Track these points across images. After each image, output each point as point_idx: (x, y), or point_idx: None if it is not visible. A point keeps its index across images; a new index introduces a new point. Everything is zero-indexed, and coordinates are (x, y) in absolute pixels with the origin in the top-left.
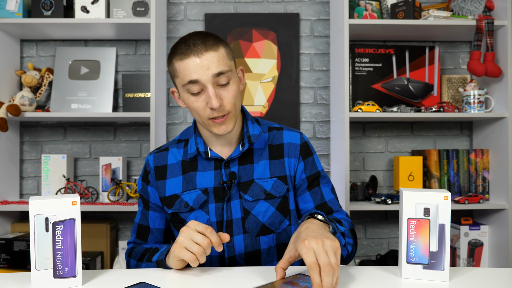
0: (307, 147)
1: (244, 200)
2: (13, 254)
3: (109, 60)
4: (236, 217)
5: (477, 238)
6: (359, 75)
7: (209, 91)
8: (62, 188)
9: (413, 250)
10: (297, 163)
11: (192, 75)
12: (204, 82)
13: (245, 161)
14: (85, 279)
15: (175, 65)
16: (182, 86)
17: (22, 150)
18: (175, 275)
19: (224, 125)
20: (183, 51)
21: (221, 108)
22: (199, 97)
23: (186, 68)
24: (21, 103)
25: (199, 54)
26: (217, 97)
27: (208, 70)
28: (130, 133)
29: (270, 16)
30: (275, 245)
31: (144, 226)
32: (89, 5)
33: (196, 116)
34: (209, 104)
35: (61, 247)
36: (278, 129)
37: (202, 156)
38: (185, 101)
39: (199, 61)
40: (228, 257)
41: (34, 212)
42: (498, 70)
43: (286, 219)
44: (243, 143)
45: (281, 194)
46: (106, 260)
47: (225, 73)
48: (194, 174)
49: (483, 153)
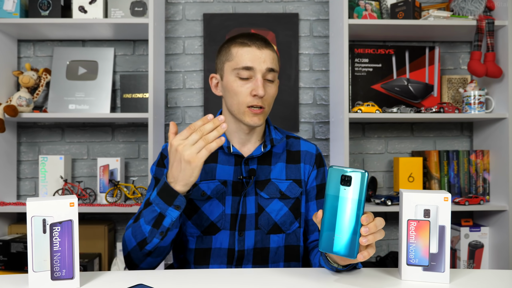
0: (321, 158)
1: (260, 197)
2: (10, 255)
3: (107, 61)
4: (250, 212)
5: (477, 240)
6: (359, 75)
7: (258, 79)
8: (60, 189)
9: (413, 252)
10: (311, 170)
11: (248, 63)
12: (256, 71)
13: (263, 162)
14: (82, 281)
15: (233, 50)
16: (233, 69)
17: (19, 151)
18: (173, 277)
19: (257, 117)
20: (245, 41)
21: (262, 99)
22: (246, 83)
23: (245, 55)
24: (19, 103)
25: (260, 48)
26: (263, 87)
27: (264, 62)
28: (128, 134)
29: (269, 16)
30: (284, 246)
31: None
32: (86, 5)
33: (235, 103)
34: (255, 91)
35: (58, 248)
36: (296, 138)
37: (225, 150)
38: (229, 84)
39: (259, 53)
40: (238, 250)
41: (32, 214)
42: (498, 71)
43: (297, 221)
44: (265, 145)
45: (295, 195)
46: (104, 261)
47: (274, 72)
48: (214, 166)
49: (484, 154)
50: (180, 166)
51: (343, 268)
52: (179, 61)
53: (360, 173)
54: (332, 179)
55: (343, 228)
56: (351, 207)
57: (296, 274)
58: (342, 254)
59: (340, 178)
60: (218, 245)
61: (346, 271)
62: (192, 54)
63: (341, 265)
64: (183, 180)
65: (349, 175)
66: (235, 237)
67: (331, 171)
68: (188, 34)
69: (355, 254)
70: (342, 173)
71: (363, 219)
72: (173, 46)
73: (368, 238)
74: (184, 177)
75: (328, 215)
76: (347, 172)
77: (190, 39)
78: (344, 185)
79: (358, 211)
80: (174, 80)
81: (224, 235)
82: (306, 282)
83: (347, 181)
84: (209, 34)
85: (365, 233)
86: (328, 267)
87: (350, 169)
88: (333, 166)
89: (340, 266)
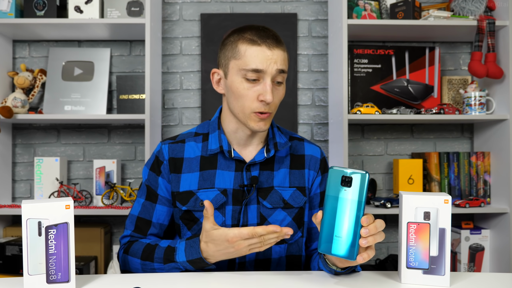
0: (325, 163)
1: (262, 206)
2: (5, 258)
3: (103, 61)
4: (251, 222)
5: (478, 243)
6: (358, 76)
7: (266, 84)
8: (55, 192)
9: (413, 255)
10: (315, 176)
11: (258, 65)
12: (266, 74)
13: (266, 167)
14: (78, 284)
15: (240, 47)
16: (241, 69)
17: (14, 153)
18: (171, 280)
19: (263, 122)
20: (255, 38)
21: (270, 104)
22: (254, 86)
23: (254, 56)
24: (14, 105)
25: (271, 48)
26: (272, 92)
27: (275, 64)
28: (124, 135)
29: (267, 16)
30: (286, 256)
31: (145, 220)
32: (82, 5)
33: (239, 106)
34: (263, 96)
35: (54, 251)
36: (299, 139)
37: (225, 155)
38: (235, 86)
39: (270, 54)
40: (239, 262)
41: (27, 216)
42: (499, 71)
43: (300, 230)
44: (268, 149)
45: (299, 205)
46: (100, 265)
47: (284, 73)
48: (213, 172)
49: (484, 156)
50: (227, 251)
51: (342, 271)
52: (176, 62)
53: (360, 174)
54: (332, 180)
55: (343, 229)
56: (351, 208)
57: (295, 277)
58: (342, 255)
59: (340, 179)
60: None
61: (345, 274)
62: (189, 54)
63: (340, 268)
64: (221, 257)
65: (349, 176)
66: None
67: (332, 172)
68: (185, 34)
69: (355, 256)
70: (343, 174)
71: (363, 220)
72: (170, 47)
73: (368, 239)
74: (224, 257)
75: (328, 216)
76: (348, 173)
77: (187, 40)
78: (344, 186)
79: (358, 212)
80: (171, 81)
81: None
82: (305, 285)
83: (348, 182)
84: (207, 34)
85: (365, 234)
86: (326, 269)
87: (351, 170)
88: (334, 167)
89: (339, 269)
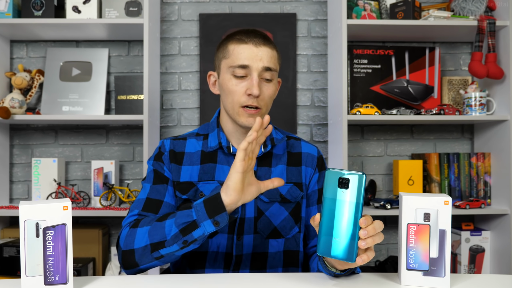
0: (323, 161)
1: (260, 200)
2: (3, 260)
3: (101, 61)
4: (249, 216)
5: (478, 244)
6: (358, 76)
7: (253, 78)
8: (53, 193)
9: (413, 256)
10: (313, 173)
11: (244, 61)
12: (252, 70)
13: (264, 163)
14: (76, 286)
15: (230, 47)
16: (229, 67)
17: (12, 154)
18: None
19: (252, 117)
20: (242, 38)
21: (258, 99)
22: (241, 82)
23: (241, 53)
24: (11, 105)
25: (257, 45)
26: (258, 86)
27: (260, 61)
28: (122, 136)
29: (266, 16)
30: (283, 251)
31: (156, 200)
32: (80, 5)
33: (229, 102)
34: (249, 90)
35: (52, 253)
36: (296, 139)
37: (224, 150)
38: (225, 83)
39: (256, 51)
40: (236, 255)
41: (24, 217)
42: (500, 72)
43: (297, 225)
44: (265, 144)
45: (296, 199)
46: (98, 266)
47: (272, 71)
48: (213, 166)
49: (485, 157)
50: None
51: (341, 273)
52: (175, 62)
53: (357, 175)
54: (329, 181)
55: (341, 231)
56: (349, 210)
57: (293, 279)
58: (341, 258)
59: (337, 180)
60: (214, 248)
61: (344, 276)
62: (188, 55)
63: (339, 270)
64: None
65: (346, 177)
66: (233, 241)
67: (328, 173)
68: (183, 34)
69: (354, 257)
70: (340, 176)
71: (362, 221)
72: (169, 47)
73: (367, 241)
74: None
75: (326, 218)
76: (345, 175)
77: (186, 40)
78: (341, 188)
79: (356, 214)
80: (169, 81)
81: (222, 239)
82: (304, 287)
83: (345, 183)
84: (205, 34)
85: (363, 236)
86: (326, 272)
87: (348, 172)
88: (330, 169)
89: (338, 271)
